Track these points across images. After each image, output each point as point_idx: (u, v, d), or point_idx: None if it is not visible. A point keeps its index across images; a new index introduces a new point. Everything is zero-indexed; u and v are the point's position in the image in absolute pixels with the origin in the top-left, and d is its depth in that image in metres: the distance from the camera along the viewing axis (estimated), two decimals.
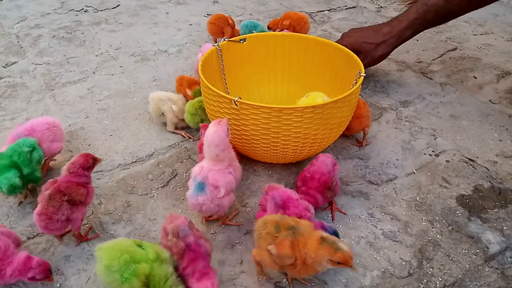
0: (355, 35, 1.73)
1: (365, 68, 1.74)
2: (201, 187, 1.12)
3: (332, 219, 1.24)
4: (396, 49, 1.79)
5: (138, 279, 0.88)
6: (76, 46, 2.22)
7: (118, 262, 0.90)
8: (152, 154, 1.49)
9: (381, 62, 1.81)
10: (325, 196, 1.22)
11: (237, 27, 2.14)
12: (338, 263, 0.94)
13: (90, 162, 1.15)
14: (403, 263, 1.12)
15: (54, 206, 1.07)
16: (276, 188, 1.14)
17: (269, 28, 2.16)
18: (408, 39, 1.77)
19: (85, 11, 2.64)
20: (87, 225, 1.22)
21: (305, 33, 2.11)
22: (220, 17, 2.05)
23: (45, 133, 1.35)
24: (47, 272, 1.02)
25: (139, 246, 0.96)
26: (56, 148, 1.39)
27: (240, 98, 1.19)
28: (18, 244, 1.08)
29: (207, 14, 2.60)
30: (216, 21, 2.05)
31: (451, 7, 1.68)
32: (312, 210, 1.13)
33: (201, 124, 1.37)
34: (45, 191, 1.09)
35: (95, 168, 1.40)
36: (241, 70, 1.62)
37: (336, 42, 1.70)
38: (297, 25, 2.09)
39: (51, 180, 1.12)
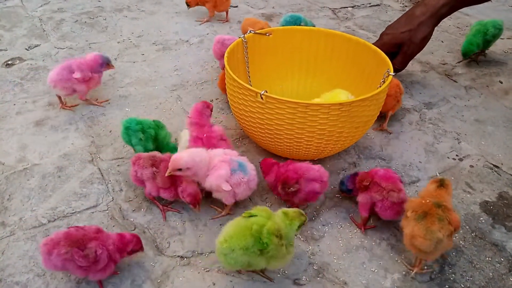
0: (391, 30, 1.69)
1: (413, 55, 1.73)
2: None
3: None
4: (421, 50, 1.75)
5: (274, 235, 0.96)
6: (98, 32, 2.22)
7: (252, 236, 0.96)
8: None
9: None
10: (277, 191, 1.21)
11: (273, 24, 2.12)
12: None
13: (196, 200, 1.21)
14: (425, 267, 1.10)
15: (145, 163, 1.19)
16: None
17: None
18: (445, 17, 1.71)
19: None
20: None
21: (225, 9, 2.33)
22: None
23: None
24: (141, 243, 1.05)
25: (250, 216, 1.00)
26: None
27: (267, 92, 1.18)
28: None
29: (230, 6, 2.57)
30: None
31: None
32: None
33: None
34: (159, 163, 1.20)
35: (117, 155, 1.41)
36: (265, 63, 1.60)
37: (375, 42, 1.68)
38: None
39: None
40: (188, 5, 2.34)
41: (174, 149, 1.36)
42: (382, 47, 1.55)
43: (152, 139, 1.31)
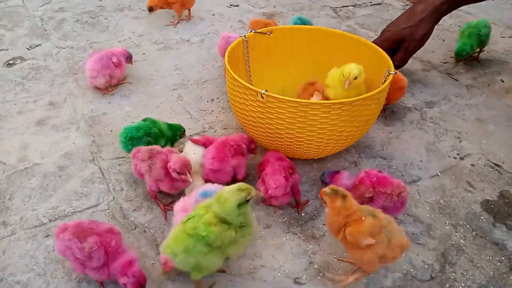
0: (392, 26, 1.70)
1: (414, 52, 1.73)
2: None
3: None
4: (422, 48, 1.75)
5: (213, 225, 0.93)
6: (99, 32, 2.22)
7: (190, 236, 0.94)
8: None
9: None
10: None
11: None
12: None
13: None
14: (426, 266, 1.11)
15: (143, 156, 1.21)
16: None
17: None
18: (445, 14, 1.72)
19: None
20: None
21: (191, 6, 2.29)
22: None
23: None
24: (138, 286, 0.99)
25: (187, 219, 0.97)
26: None
27: (267, 91, 1.18)
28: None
29: (230, 5, 2.57)
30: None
31: None
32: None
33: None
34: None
35: (117, 154, 1.41)
36: (265, 63, 1.60)
37: (376, 39, 1.68)
38: None
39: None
40: (151, 9, 2.21)
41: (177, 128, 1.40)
42: (383, 43, 1.56)
43: (159, 136, 1.31)
